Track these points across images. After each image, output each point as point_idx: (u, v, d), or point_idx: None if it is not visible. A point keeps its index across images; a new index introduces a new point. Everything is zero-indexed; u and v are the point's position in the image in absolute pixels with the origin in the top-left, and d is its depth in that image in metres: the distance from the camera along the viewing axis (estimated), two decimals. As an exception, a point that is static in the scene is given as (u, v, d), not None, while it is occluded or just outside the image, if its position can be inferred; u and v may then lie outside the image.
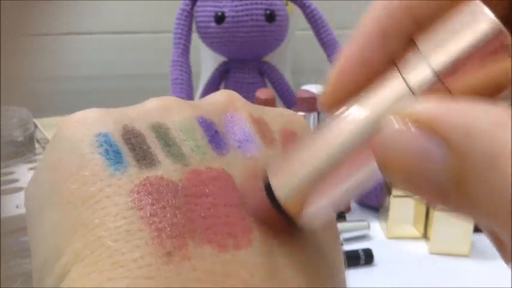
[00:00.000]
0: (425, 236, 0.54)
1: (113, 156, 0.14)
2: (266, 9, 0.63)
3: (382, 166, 0.12)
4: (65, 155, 0.15)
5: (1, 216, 0.38)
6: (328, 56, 0.67)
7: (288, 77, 0.73)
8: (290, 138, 0.17)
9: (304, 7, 0.66)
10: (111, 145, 0.14)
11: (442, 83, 0.12)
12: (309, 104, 0.58)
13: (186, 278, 0.12)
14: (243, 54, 0.67)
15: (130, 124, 0.15)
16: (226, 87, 0.69)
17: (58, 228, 0.14)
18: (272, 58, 0.71)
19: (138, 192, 0.14)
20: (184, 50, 0.67)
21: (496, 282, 0.47)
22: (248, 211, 0.14)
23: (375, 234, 0.55)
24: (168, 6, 0.75)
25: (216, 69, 0.70)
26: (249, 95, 0.67)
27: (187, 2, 0.66)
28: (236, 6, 0.63)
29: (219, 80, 0.70)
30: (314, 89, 0.67)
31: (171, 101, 0.16)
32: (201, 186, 0.14)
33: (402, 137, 0.11)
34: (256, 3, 0.63)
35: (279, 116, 0.18)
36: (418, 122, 0.11)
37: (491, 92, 0.12)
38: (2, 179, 0.43)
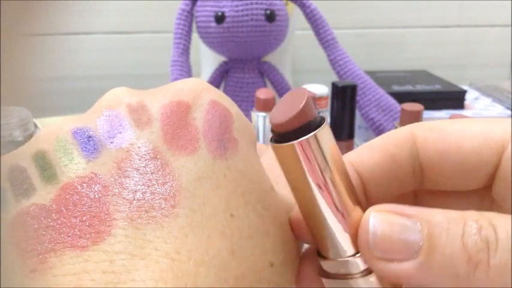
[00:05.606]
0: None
1: (2, 198, 0.16)
2: (266, 9, 0.63)
3: None
4: None
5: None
6: (328, 56, 0.67)
7: (288, 77, 0.73)
8: (174, 110, 0.17)
9: (304, 7, 0.66)
10: (2, 191, 0.16)
11: None
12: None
13: (47, 285, 0.14)
14: (243, 54, 0.67)
15: (15, 163, 0.17)
16: (226, 87, 0.69)
17: None
18: (272, 58, 0.71)
19: (15, 223, 0.15)
20: (184, 50, 0.67)
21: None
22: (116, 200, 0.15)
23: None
24: (168, 6, 0.75)
25: (216, 69, 0.70)
26: (249, 95, 0.68)
27: (188, 2, 0.66)
28: (236, 6, 0.63)
29: (219, 80, 0.70)
30: (314, 89, 0.66)
31: (57, 124, 0.17)
32: (69, 198, 0.15)
33: None
34: (256, 3, 0.63)
35: (164, 92, 0.18)
36: None
37: None
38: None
